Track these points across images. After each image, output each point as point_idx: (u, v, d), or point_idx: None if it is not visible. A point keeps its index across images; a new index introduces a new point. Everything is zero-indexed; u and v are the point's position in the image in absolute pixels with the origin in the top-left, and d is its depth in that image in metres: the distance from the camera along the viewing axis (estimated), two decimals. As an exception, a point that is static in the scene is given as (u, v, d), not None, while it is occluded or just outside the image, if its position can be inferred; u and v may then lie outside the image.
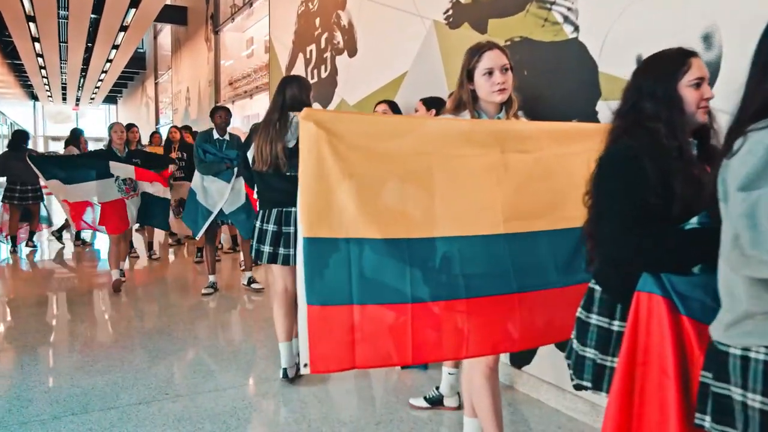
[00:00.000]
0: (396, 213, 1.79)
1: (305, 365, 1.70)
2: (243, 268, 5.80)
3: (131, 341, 3.59)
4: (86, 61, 12.87)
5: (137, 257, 6.56)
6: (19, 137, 7.16)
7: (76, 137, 7.67)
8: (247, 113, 8.41)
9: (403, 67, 3.77)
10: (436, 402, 2.62)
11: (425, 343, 1.80)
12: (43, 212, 7.42)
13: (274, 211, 3.01)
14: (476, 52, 1.93)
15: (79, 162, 4.92)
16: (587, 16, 2.46)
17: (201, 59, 9.42)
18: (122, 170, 4.80)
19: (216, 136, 4.68)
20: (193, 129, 8.16)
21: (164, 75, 13.50)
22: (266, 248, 3.04)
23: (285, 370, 2.94)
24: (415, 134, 1.85)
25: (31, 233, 7.30)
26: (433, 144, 1.85)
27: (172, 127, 8.25)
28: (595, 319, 1.49)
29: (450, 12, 3.29)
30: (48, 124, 28.73)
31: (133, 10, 8.40)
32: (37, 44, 10.67)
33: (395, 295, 1.76)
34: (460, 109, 2.01)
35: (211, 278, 4.85)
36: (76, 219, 4.89)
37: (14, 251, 6.84)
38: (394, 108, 3.44)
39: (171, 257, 7.09)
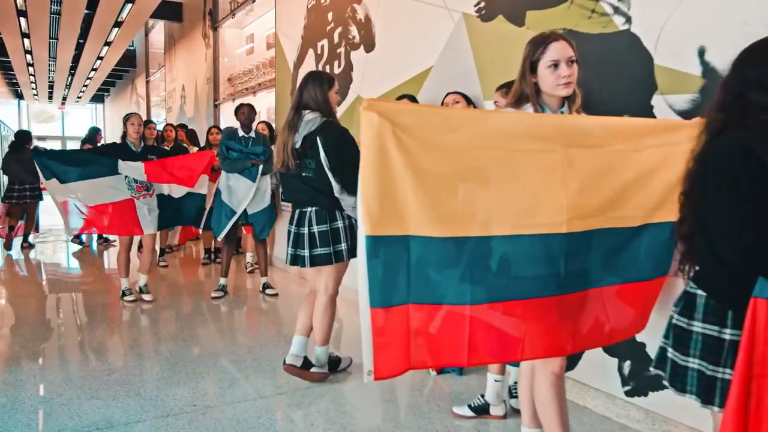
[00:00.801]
0: (456, 210, 1.70)
1: (369, 373, 1.62)
2: (249, 269, 5.66)
3: (146, 348, 3.42)
4: (76, 59, 12.55)
5: (166, 266, 6.06)
6: (21, 137, 7.21)
7: (92, 135, 7.71)
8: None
9: (428, 61, 3.64)
10: (481, 410, 2.50)
11: (481, 345, 1.74)
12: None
13: (296, 212, 2.92)
14: (541, 43, 1.82)
15: (87, 157, 4.49)
16: (641, 7, 2.36)
17: (198, 56, 9.21)
18: (132, 170, 4.29)
19: (241, 133, 4.53)
20: (189, 127, 7.98)
21: (156, 73, 13.24)
22: (288, 250, 2.96)
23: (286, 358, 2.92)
24: (477, 128, 1.76)
25: (26, 234, 7.26)
26: (496, 138, 1.75)
27: (167, 125, 8.04)
28: (699, 326, 1.38)
29: (482, 4, 3.17)
30: (33, 124, 28.18)
31: (129, 6, 8.17)
32: (26, 40, 10.37)
33: (454, 296, 1.69)
34: (522, 103, 1.90)
35: (222, 281, 4.68)
36: (88, 225, 4.41)
37: (8, 248, 6.95)
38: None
39: (175, 260, 6.90)
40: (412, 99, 3.49)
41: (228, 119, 8.28)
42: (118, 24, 9.21)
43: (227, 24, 8.19)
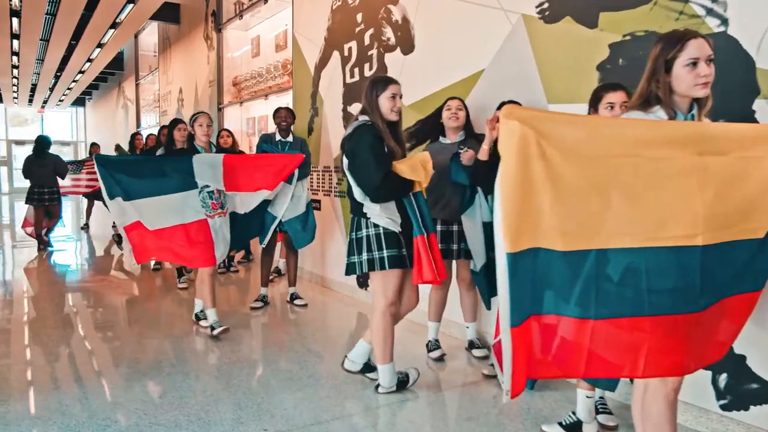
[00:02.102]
0: (584, 222, 1.62)
1: (507, 393, 1.60)
2: (257, 280, 5.47)
3: (193, 364, 3.24)
4: (64, 60, 12.17)
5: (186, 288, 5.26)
6: (42, 143, 7.59)
7: (132, 140, 7.79)
8: (252, 114, 8.03)
9: (479, 64, 3.54)
10: (573, 429, 2.39)
11: (599, 359, 1.68)
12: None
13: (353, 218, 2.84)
14: (677, 40, 1.73)
15: (160, 166, 3.74)
16: (739, 9, 2.28)
17: (198, 58, 8.98)
18: (207, 169, 3.62)
19: (278, 137, 4.36)
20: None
21: (148, 76, 12.91)
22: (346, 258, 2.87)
23: (345, 358, 2.98)
24: (615, 135, 1.68)
25: (48, 230, 7.70)
26: (633, 146, 1.67)
27: (162, 128, 7.82)
28: None
29: (545, 5, 3.07)
30: (9, 128, 27.35)
31: (130, 6, 7.91)
32: (15, 41, 10.00)
33: (579, 310, 1.63)
34: (650, 105, 1.80)
35: (263, 291, 4.51)
36: (150, 254, 3.75)
37: (43, 249, 7.45)
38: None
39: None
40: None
41: (233, 122, 8.09)
42: (114, 25, 8.91)
43: (232, 26, 7.99)
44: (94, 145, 10.17)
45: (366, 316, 4.40)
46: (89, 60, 12.01)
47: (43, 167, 7.32)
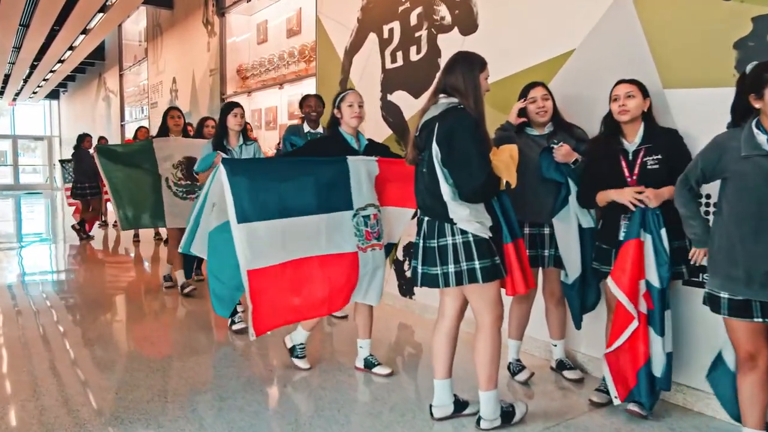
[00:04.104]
0: None
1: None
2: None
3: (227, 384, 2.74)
4: (43, 49, 11.36)
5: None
6: (77, 139, 8.23)
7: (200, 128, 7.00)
8: (258, 106, 7.47)
9: (567, 44, 3.09)
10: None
11: None
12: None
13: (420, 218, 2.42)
14: None
15: (306, 169, 2.67)
16: None
17: (196, 45, 8.35)
18: (367, 181, 2.73)
19: (307, 128, 3.86)
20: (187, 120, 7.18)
21: (133, 66, 12.18)
22: (412, 263, 2.45)
23: (432, 407, 2.49)
24: None
25: (90, 224, 8.19)
26: None
27: (139, 128, 7.35)
28: None
29: (663, -28, 2.64)
30: (-23, 122, 26.01)
31: (124, -13, 7.26)
32: (-9, 28, 9.22)
33: None
34: None
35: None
36: (285, 315, 2.64)
37: (87, 237, 7.95)
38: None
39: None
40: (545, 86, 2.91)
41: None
42: (104, 8, 8.23)
43: (235, 10, 7.41)
44: (101, 139, 9.44)
45: (410, 327, 3.94)
46: (71, 48, 11.23)
47: (79, 163, 7.96)
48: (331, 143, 2.90)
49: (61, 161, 9.00)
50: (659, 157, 2.41)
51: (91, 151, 6.60)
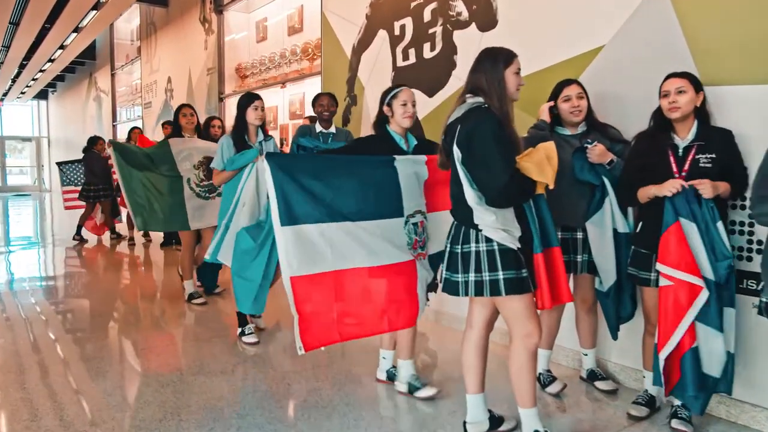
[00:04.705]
0: None
1: None
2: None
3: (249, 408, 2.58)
4: (33, 47, 11.09)
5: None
6: (92, 142, 7.97)
7: (206, 128, 6.20)
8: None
9: (595, 41, 2.96)
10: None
11: None
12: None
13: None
14: None
15: (355, 169, 2.47)
16: None
17: (193, 44, 8.16)
18: (417, 185, 2.55)
19: (318, 128, 3.70)
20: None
21: (126, 65, 11.94)
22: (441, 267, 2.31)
23: (466, 424, 2.33)
24: None
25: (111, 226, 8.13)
26: None
27: (164, 123, 7.03)
28: None
29: (703, -37, 2.51)
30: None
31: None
32: (-21, 26, 8.97)
33: None
34: None
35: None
36: (339, 330, 2.36)
37: (81, 240, 7.89)
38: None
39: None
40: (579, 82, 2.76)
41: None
42: (97, 6, 8.01)
43: (234, 7, 7.23)
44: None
45: (438, 337, 3.79)
46: (62, 47, 10.97)
47: (90, 164, 7.76)
48: (377, 143, 2.69)
49: (61, 163, 8.64)
50: (713, 156, 2.27)
51: (108, 151, 6.32)
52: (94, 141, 7.99)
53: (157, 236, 7.86)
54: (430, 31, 3.98)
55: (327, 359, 3.27)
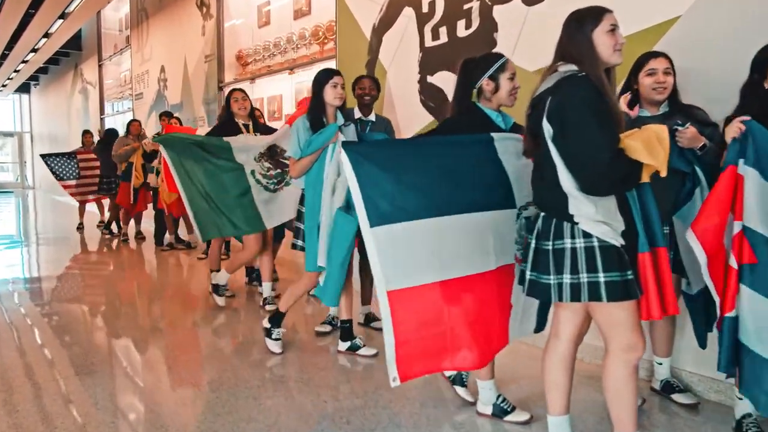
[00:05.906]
0: None
1: None
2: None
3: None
4: (15, 36, 10.53)
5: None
6: (111, 134, 7.82)
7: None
8: (261, 95, 6.88)
9: (669, 11, 2.64)
10: None
11: None
12: None
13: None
14: None
15: (451, 152, 2.09)
16: None
17: (189, 30, 7.72)
18: (523, 168, 2.13)
19: (358, 115, 3.33)
20: (174, 115, 6.59)
21: (114, 56, 11.42)
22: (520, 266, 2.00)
23: None
24: None
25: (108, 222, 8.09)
26: None
27: (162, 114, 6.61)
28: None
29: None
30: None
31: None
32: (-43, 12, 8.43)
33: None
34: None
35: (332, 311, 3.51)
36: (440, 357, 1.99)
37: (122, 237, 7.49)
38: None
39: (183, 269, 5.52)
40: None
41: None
42: (86, -11, 7.54)
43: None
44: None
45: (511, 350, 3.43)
46: (46, 35, 10.43)
47: (107, 156, 7.35)
48: (469, 123, 2.23)
49: (45, 156, 8.14)
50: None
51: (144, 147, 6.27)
52: (113, 133, 7.75)
53: (152, 235, 7.43)
54: (465, 6, 3.63)
55: (362, 370, 2.92)
